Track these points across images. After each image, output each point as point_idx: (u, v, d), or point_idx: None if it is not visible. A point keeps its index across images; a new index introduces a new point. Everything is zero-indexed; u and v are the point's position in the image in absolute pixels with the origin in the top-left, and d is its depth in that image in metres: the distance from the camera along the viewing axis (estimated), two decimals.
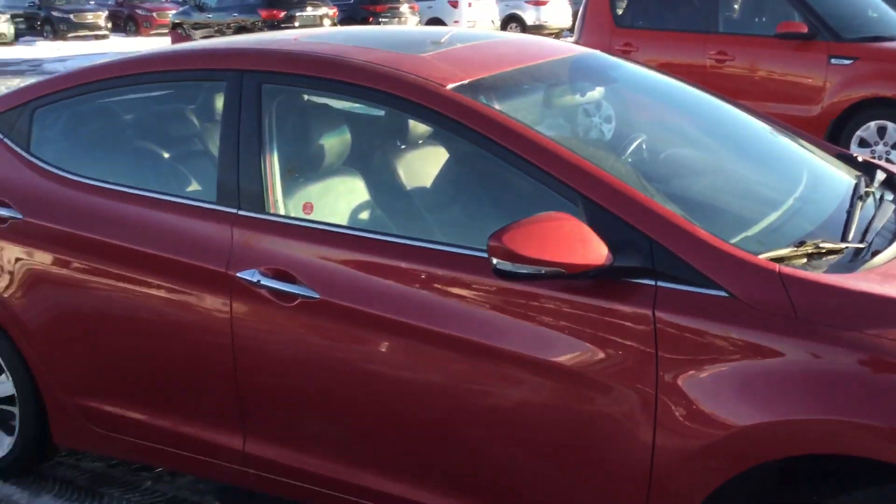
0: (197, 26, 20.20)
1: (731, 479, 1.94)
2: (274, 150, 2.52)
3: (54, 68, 15.96)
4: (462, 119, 2.26)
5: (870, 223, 2.29)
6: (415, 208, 2.61)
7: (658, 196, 2.18)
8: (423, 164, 2.70)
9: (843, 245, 2.12)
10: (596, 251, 1.99)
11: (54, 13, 26.72)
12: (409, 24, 22.26)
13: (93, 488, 3.07)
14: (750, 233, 2.21)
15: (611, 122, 3.00)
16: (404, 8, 22.20)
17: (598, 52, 3.11)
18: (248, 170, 2.49)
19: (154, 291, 2.58)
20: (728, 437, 1.91)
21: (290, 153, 2.56)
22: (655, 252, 2.02)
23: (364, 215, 2.54)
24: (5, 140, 2.92)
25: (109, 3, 29.59)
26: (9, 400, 3.00)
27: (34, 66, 18.06)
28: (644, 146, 2.85)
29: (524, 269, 1.97)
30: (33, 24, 26.98)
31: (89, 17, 26.59)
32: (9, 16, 25.63)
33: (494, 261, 1.97)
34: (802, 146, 2.97)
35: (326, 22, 20.04)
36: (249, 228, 2.45)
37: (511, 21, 25.82)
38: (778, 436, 1.88)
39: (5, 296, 2.84)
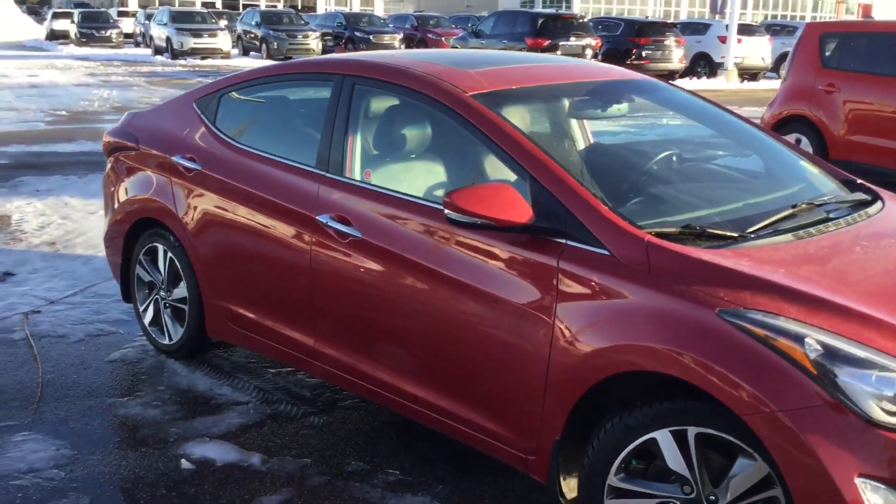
0: None
1: (598, 383, 2.61)
2: (356, 131, 3.49)
3: None
4: (467, 116, 3.10)
5: (779, 223, 2.85)
6: (427, 178, 3.45)
7: (592, 184, 2.89)
8: (442, 148, 3.53)
9: (722, 232, 2.71)
10: (521, 212, 2.76)
11: (357, 33, 29.87)
12: (673, 57, 22.62)
13: (231, 373, 4.21)
14: (670, 218, 2.85)
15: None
16: (670, 41, 22.57)
17: (640, 78, 3.80)
18: (337, 144, 3.48)
19: (270, 226, 3.63)
20: (592, 352, 2.61)
21: (365, 135, 3.52)
22: (569, 219, 2.75)
23: (399, 180, 3.43)
24: (201, 116, 4.14)
25: (406, 27, 32.47)
26: (182, 300, 4.21)
27: None
28: (673, 157, 3.53)
29: (466, 219, 2.78)
30: (338, 42, 30.28)
31: (385, 39, 29.46)
32: (319, 34, 29.05)
33: (446, 211, 2.81)
34: (808, 170, 3.50)
35: (588, 52, 20.96)
36: (329, 186, 3.44)
37: (785, 59, 25.24)
38: (620, 355, 2.55)
39: (188, 225, 4.04)
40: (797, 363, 2.27)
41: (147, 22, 33.16)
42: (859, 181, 3.49)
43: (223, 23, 31.59)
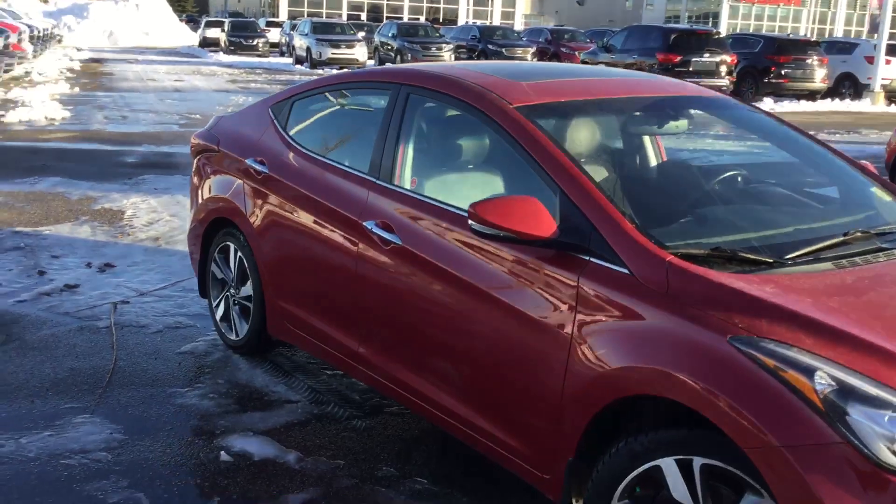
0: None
1: (612, 405, 2.54)
2: (408, 140, 3.52)
3: None
4: (507, 127, 3.08)
5: (822, 250, 2.69)
6: (470, 188, 3.42)
7: (623, 201, 2.81)
8: (485, 158, 3.50)
9: (754, 256, 2.58)
10: (544, 226, 2.70)
11: (490, 46, 30.04)
12: (815, 77, 21.70)
13: (290, 372, 4.31)
14: (705, 240, 2.74)
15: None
16: (812, 60, 21.64)
17: (708, 95, 3.66)
18: (388, 152, 3.52)
19: (323, 230, 3.70)
20: (604, 373, 2.53)
21: (415, 143, 3.54)
22: (593, 236, 2.69)
23: (443, 189, 3.42)
24: (274, 121, 4.27)
25: (540, 41, 32.44)
26: (248, 298, 4.35)
27: None
28: (738, 178, 3.40)
29: (489, 231, 2.76)
30: (471, 55, 30.53)
31: (518, 52, 29.53)
32: (452, 46, 29.39)
33: (470, 222, 2.79)
34: (880, 198, 3.30)
35: (723, 69, 20.34)
36: (378, 192, 3.48)
37: None
38: (630, 376, 2.46)
39: (254, 225, 4.17)
40: (805, 397, 2.14)
41: (291, 32, 34.39)
42: None
43: (361, 34, 32.40)
